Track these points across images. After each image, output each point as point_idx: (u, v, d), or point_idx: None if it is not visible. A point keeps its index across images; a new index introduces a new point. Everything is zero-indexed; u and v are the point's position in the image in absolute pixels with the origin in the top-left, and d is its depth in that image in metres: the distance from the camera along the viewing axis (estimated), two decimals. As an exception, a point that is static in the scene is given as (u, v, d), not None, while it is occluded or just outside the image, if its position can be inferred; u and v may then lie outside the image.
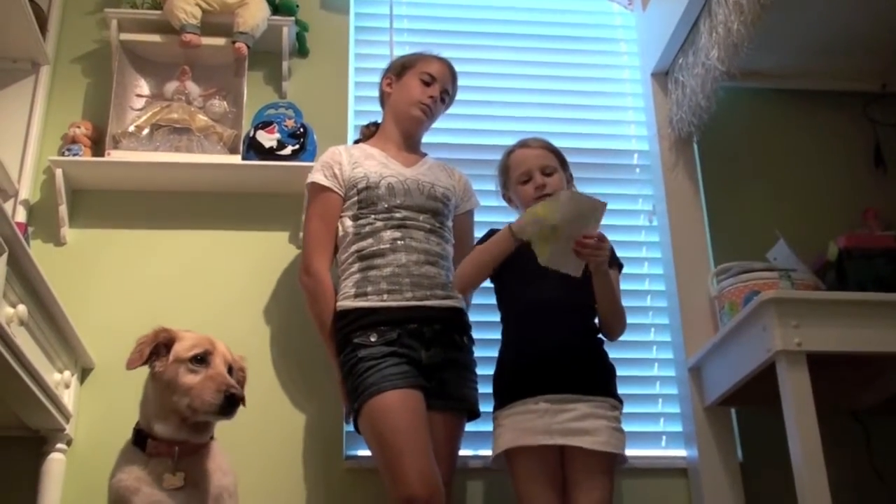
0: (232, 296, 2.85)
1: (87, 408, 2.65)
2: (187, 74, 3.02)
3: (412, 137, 2.78)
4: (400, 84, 2.76)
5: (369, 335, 2.40)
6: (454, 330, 2.51)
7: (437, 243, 2.58)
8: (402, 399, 2.29)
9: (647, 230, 3.20)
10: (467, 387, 2.50)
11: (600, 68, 3.46)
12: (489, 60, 3.37)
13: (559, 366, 2.40)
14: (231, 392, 1.99)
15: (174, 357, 2.05)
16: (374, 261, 2.50)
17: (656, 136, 3.17)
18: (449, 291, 2.53)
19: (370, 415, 2.30)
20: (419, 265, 2.50)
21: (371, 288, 2.46)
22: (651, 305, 3.09)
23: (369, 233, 2.53)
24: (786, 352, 2.27)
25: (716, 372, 2.72)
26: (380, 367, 2.33)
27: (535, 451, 2.35)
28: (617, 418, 2.41)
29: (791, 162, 3.27)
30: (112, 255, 2.86)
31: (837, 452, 2.34)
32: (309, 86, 3.18)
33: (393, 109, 2.78)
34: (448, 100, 2.82)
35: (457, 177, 2.79)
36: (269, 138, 2.92)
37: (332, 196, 2.60)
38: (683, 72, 3.05)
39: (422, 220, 2.57)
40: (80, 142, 2.87)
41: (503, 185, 2.72)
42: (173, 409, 2.03)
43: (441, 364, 2.44)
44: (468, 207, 2.78)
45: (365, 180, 2.58)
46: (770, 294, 2.35)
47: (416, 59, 2.78)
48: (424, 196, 2.61)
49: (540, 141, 2.70)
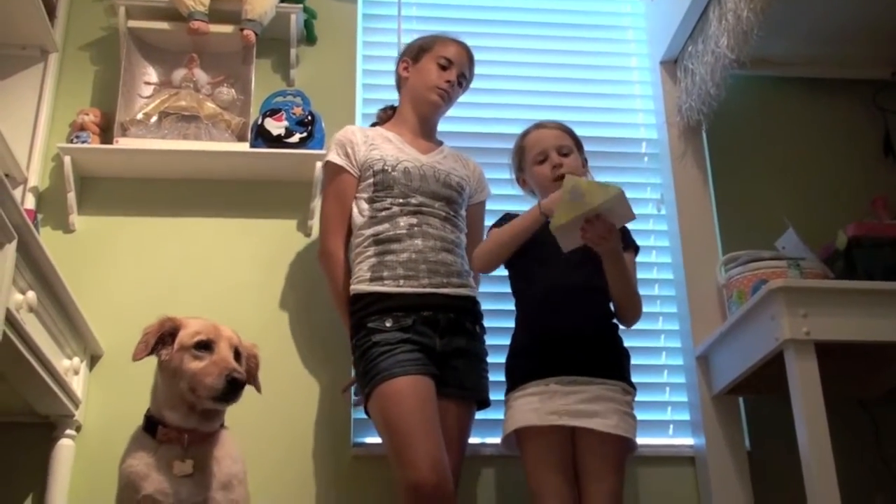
0: (240, 283, 2.86)
1: (95, 394, 2.66)
2: (195, 62, 3.01)
3: (429, 122, 2.77)
4: (417, 68, 2.75)
5: (384, 320, 2.39)
6: (468, 318, 2.51)
7: (451, 231, 2.58)
8: (413, 385, 2.29)
9: (655, 219, 3.19)
10: (479, 376, 2.50)
11: (609, 56, 3.45)
12: (496, 48, 3.35)
13: (571, 348, 2.40)
14: (233, 376, 1.99)
15: (179, 345, 2.06)
16: (390, 245, 2.49)
17: (665, 125, 3.17)
18: (464, 279, 2.53)
19: (380, 399, 2.30)
20: (436, 252, 2.50)
21: (387, 273, 2.46)
22: (659, 294, 3.09)
23: (385, 217, 2.53)
24: (794, 340, 2.27)
25: (724, 361, 2.72)
26: (393, 352, 2.33)
27: (545, 432, 2.35)
28: (629, 403, 2.41)
29: (800, 150, 3.26)
30: (120, 242, 2.87)
31: (845, 442, 2.36)
32: (317, 73, 3.18)
33: (410, 94, 2.76)
34: (465, 83, 2.80)
35: (472, 167, 2.79)
36: (277, 126, 2.92)
37: (347, 176, 2.60)
38: (692, 60, 3.03)
39: (437, 207, 2.57)
40: (88, 129, 2.87)
41: (518, 168, 2.72)
42: (181, 397, 2.04)
43: (454, 352, 2.44)
44: (481, 198, 2.78)
45: (381, 162, 2.58)
46: (778, 283, 2.35)
47: (433, 42, 2.76)
48: (440, 183, 2.61)
49: (555, 122, 2.70)
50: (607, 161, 3.20)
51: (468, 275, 2.57)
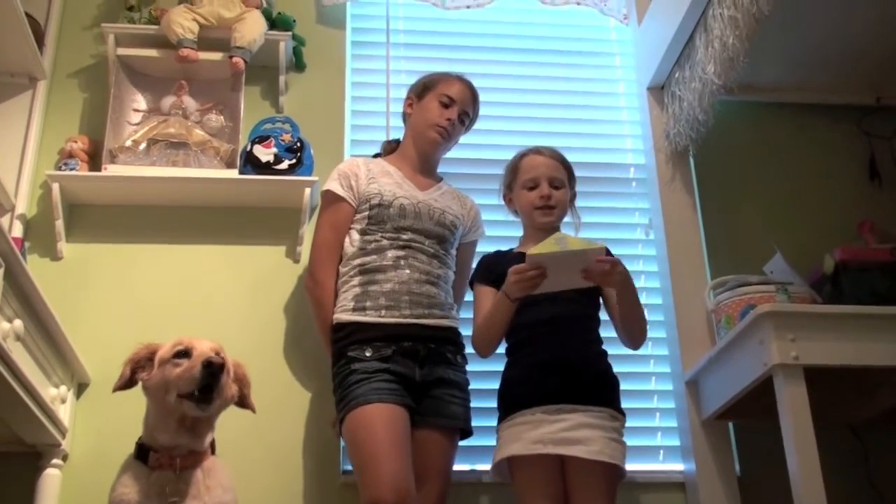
0: (229, 310, 2.85)
1: (82, 423, 2.64)
2: (184, 89, 3.02)
3: (429, 160, 2.79)
4: (420, 105, 2.77)
5: (364, 350, 2.41)
6: (448, 349, 2.53)
7: (438, 266, 2.60)
8: (384, 412, 2.31)
9: (643, 244, 3.20)
10: (458, 405, 2.50)
11: (596, 82, 3.47)
12: (484, 74, 3.35)
13: (556, 377, 2.41)
14: (209, 359, 2.01)
15: (159, 361, 2.10)
16: (375, 276, 2.51)
17: (652, 150, 3.18)
18: (446, 311, 2.55)
19: (351, 423, 2.33)
20: (420, 284, 2.52)
21: (370, 303, 2.48)
22: (648, 319, 3.07)
23: (374, 249, 2.55)
24: (783, 365, 2.27)
25: (713, 385, 2.72)
26: (370, 380, 2.36)
27: (534, 461, 2.35)
28: (616, 429, 2.40)
29: (787, 175, 3.28)
30: (109, 269, 2.86)
31: (835, 466, 2.35)
32: (306, 100, 3.19)
33: (412, 130, 2.79)
34: (468, 121, 2.82)
35: (468, 206, 2.80)
36: (266, 153, 2.92)
37: (346, 206, 2.62)
38: (680, 86, 3.06)
39: (427, 244, 2.59)
40: (76, 156, 2.87)
41: (507, 185, 2.74)
42: (169, 412, 2.05)
43: (435, 382, 2.46)
44: (473, 238, 2.80)
45: (378, 197, 2.60)
46: (766, 307, 2.36)
47: (436, 80, 2.79)
48: (433, 222, 2.62)
49: (553, 151, 2.71)
50: (595, 186, 3.21)
51: (451, 307, 2.59)
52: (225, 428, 2.20)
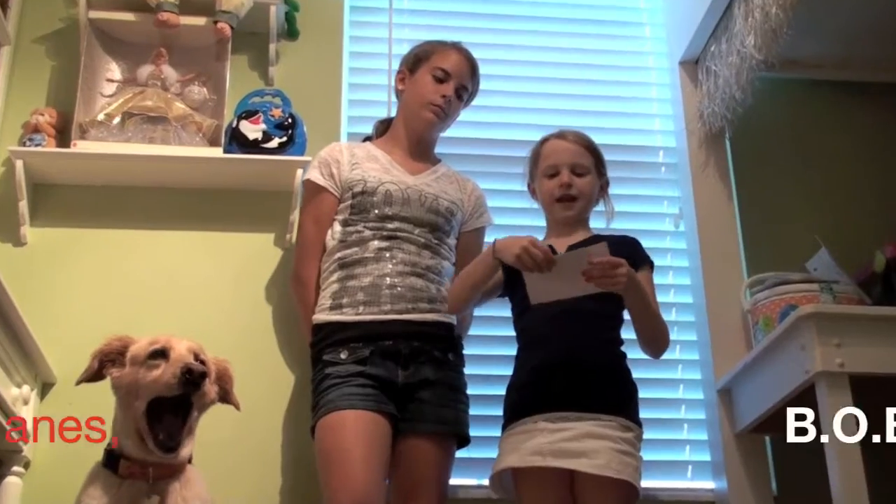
0: (211, 304, 2.86)
1: (46, 427, 2.64)
2: (163, 57, 3.02)
3: (423, 141, 2.78)
4: (412, 80, 2.75)
5: (339, 352, 2.43)
6: (436, 346, 2.50)
7: (430, 257, 2.58)
8: (356, 419, 2.32)
9: (672, 236, 3.21)
10: (449, 407, 2.47)
11: (622, 55, 3.48)
12: (498, 45, 3.37)
13: (562, 381, 2.36)
14: (189, 366, 2.00)
15: (131, 359, 2.08)
16: (353, 269, 2.52)
17: (684, 132, 3.19)
18: (435, 305, 2.53)
19: (320, 432, 2.36)
20: (403, 276, 2.51)
21: (347, 300, 2.48)
22: (676, 320, 3.09)
23: (355, 241, 2.56)
24: (826, 373, 2.27)
25: (748, 395, 2.73)
26: (342, 385, 2.37)
27: (537, 474, 2.31)
28: (628, 441, 2.32)
29: (834, 161, 3.28)
30: (78, 257, 2.87)
31: (882, 486, 2.34)
32: (298, 72, 3.19)
33: (404, 109, 2.78)
34: (467, 96, 2.80)
35: (469, 190, 2.78)
36: (254, 129, 2.93)
37: (328, 197, 2.63)
38: (716, 60, 3.06)
39: (416, 233, 2.58)
40: (43, 131, 2.88)
41: (530, 175, 2.70)
42: (137, 421, 2.03)
43: (420, 384, 2.44)
44: (477, 225, 2.77)
45: (361, 184, 2.60)
46: (809, 308, 2.36)
47: (430, 51, 2.76)
48: (424, 209, 2.62)
49: (578, 135, 2.65)
50: (619, 171, 3.16)
51: (443, 301, 2.55)
52: (203, 428, 2.19)
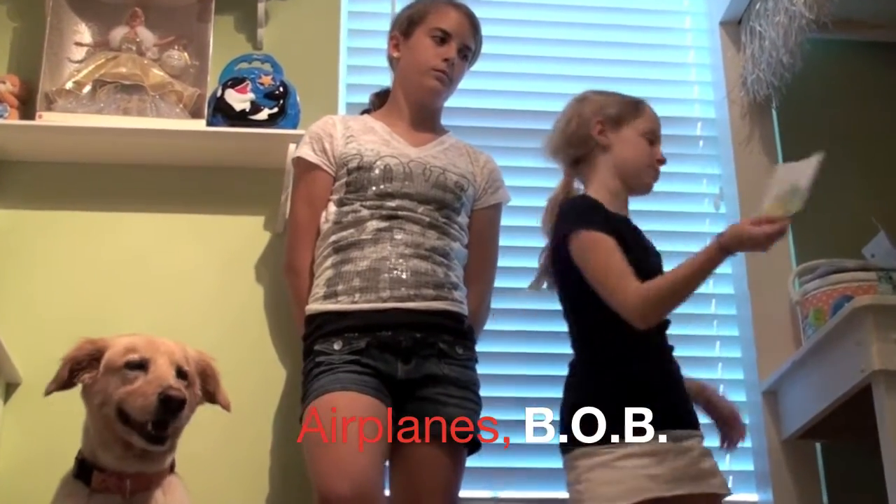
0: (195, 295, 2.87)
1: (11, 432, 2.66)
2: (139, 18, 3.02)
3: (425, 110, 2.75)
4: (408, 45, 2.73)
5: (333, 343, 2.41)
6: (442, 338, 2.47)
7: (437, 238, 2.56)
8: (349, 400, 2.30)
9: (712, 218, 3.21)
10: (456, 406, 2.43)
11: (656, 14, 3.47)
12: (518, 4, 3.36)
13: (673, 393, 2.34)
14: (168, 393, 1.99)
15: (106, 366, 2.07)
16: (349, 253, 2.50)
17: (725, 101, 3.18)
18: (442, 292, 2.50)
19: (308, 416, 2.33)
20: (404, 259, 2.49)
21: (342, 286, 2.47)
22: (716, 313, 3.09)
23: (351, 222, 2.54)
24: (885, 372, 2.26)
25: (797, 397, 2.72)
26: (334, 370, 2.35)
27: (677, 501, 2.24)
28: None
29: (894, 134, 3.26)
30: (45, 242, 2.88)
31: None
32: (291, 34, 3.19)
33: (401, 77, 2.76)
34: (471, 56, 2.78)
35: (481, 163, 2.76)
36: (241, 99, 2.92)
37: (321, 175, 2.62)
38: (761, 20, 3.04)
39: (421, 211, 2.56)
40: (4, 101, 2.88)
41: (611, 120, 2.55)
42: (113, 432, 2.04)
43: (424, 379, 2.42)
44: (493, 201, 2.74)
45: (357, 159, 2.59)
46: (866, 300, 2.36)
47: (424, 10, 2.73)
48: (430, 183, 2.60)
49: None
50: (653, 145, 3.20)
51: (453, 287, 2.53)
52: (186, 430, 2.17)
